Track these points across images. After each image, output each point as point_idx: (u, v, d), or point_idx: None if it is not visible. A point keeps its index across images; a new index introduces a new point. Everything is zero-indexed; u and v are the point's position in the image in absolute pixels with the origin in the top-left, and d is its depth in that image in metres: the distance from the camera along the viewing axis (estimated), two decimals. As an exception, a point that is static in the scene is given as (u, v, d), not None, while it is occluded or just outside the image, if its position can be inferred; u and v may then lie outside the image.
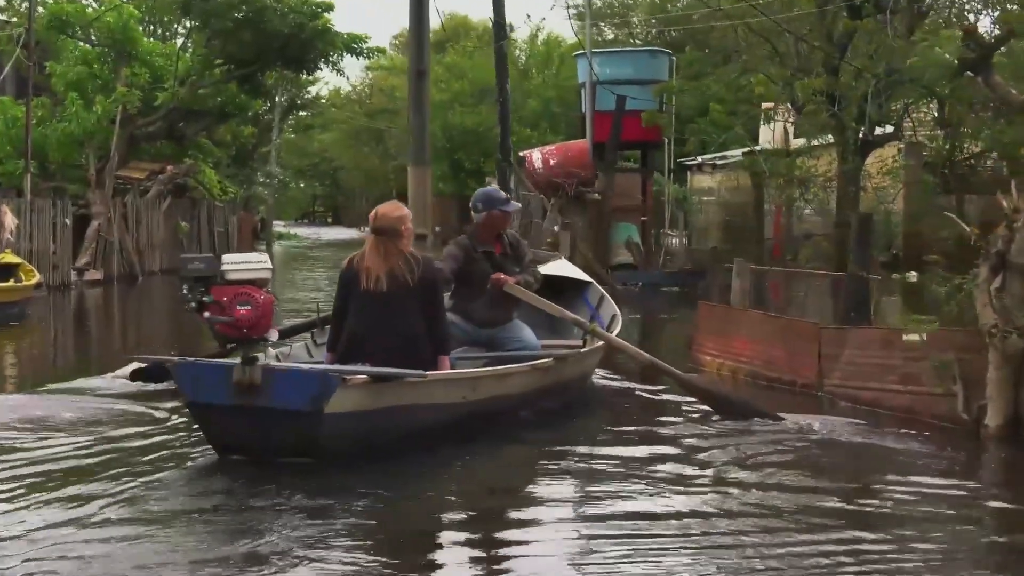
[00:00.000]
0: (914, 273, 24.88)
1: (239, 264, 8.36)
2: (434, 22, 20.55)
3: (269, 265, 8.47)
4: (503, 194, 10.95)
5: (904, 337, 9.95)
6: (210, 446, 8.03)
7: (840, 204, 25.55)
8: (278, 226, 64.88)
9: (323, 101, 70.05)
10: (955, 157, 25.63)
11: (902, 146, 26.97)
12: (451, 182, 51.64)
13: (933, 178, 25.08)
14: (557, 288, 11.91)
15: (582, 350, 10.59)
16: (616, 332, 11.36)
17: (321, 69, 32.36)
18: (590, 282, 12.57)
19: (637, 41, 51.05)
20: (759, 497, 7.48)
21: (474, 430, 8.78)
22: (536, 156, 25.65)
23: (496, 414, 9.13)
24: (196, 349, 11.91)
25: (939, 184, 25.23)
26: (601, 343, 10.63)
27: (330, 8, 31.36)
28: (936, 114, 26.23)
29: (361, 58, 33.79)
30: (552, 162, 25.34)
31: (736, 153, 38.26)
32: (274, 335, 9.88)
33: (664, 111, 28.04)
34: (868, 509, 7.37)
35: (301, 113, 67.31)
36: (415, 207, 19.78)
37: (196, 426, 8.23)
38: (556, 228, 22.78)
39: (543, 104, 50.34)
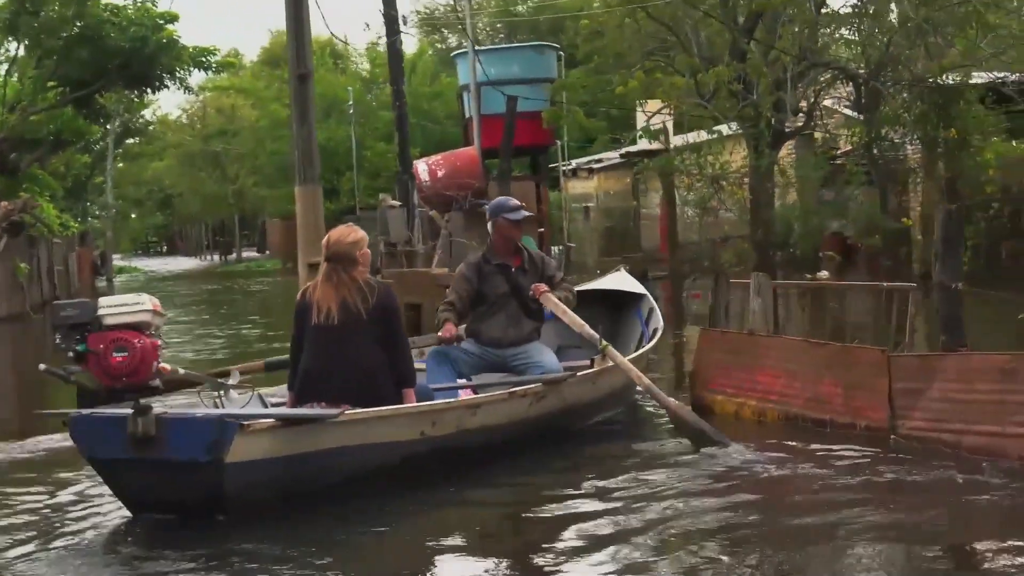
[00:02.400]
0: (825, 272, 23.06)
1: (116, 307, 7.49)
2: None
3: (149, 306, 7.54)
4: (513, 202, 9.98)
5: (1034, 364, 7.72)
6: (121, 504, 7.50)
7: (755, 202, 23.63)
8: (116, 260, 61.37)
9: (152, 128, 66.66)
10: (876, 144, 23.88)
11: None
12: (303, 202, 48.65)
13: (858, 167, 23.26)
14: (617, 302, 11.54)
15: (587, 371, 9.60)
16: (651, 345, 10.71)
17: (168, 87, 29.32)
18: (644, 294, 11.71)
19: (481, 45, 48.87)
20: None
21: (450, 469, 8.12)
22: (422, 168, 23.25)
23: (478, 450, 8.38)
24: (50, 403, 10.97)
25: (864, 174, 23.46)
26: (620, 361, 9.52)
27: (175, 19, 28.46)
28: (851, 100, 24.50)
29: (210, 72, 30.87)
30: (440, 173, 22.93)
31: (613, 155, 36.31)
32: (235, 377, 8.96)
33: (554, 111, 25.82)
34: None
35: (129, 141, 63.97)
36: (307, 233, 17.19)
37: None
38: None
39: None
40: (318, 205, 17.31)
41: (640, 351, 10.44)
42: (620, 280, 12.02)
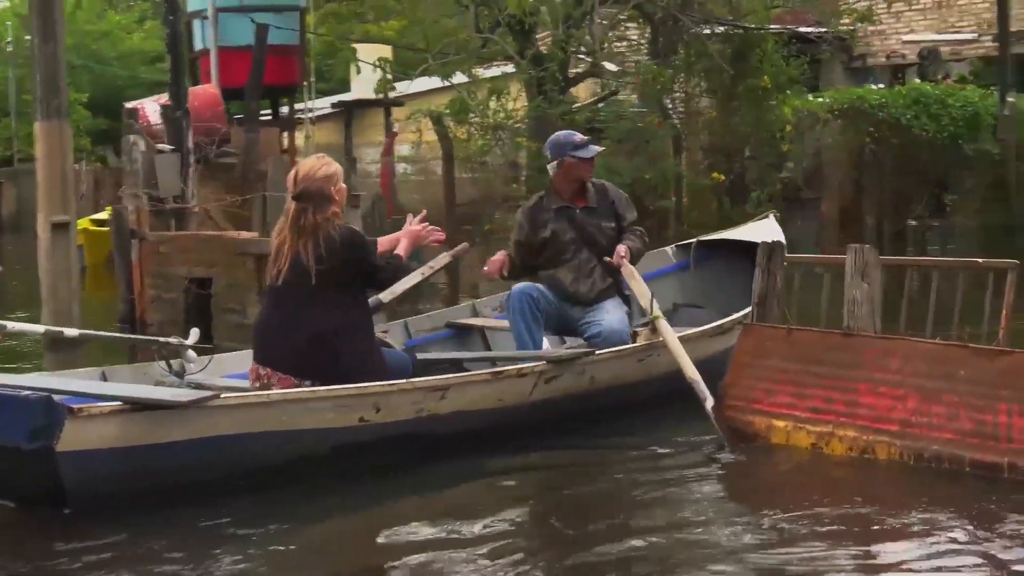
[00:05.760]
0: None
1: None
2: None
3: None
4: (577, 136, 8.75)
5: None
6: None
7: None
8: None
9: None
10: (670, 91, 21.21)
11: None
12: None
13: (662, 118, 20.45)
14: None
15: (618, 349, 8.18)
16: (736, 316, 8.80)
17: None
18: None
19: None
20: None
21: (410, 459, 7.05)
22: (152, 108, 19.32)
23: (453, 439, 7.24)
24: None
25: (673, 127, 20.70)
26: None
27: None
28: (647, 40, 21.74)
29: None
30: (175, 115, 18.93)
31: (324, 104, 32.66)
32: (194, 336, 8.01)
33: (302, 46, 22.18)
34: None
35: None
36: (51, 181, 13.20)
37: None
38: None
39: (57, 56, 42.37)
40: (66, 145, 13.29)
41: (710, 325, 8.82)
42: (764, 229, 10.11)
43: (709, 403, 7.43)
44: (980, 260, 7.83)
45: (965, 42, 25.55)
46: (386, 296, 8.75)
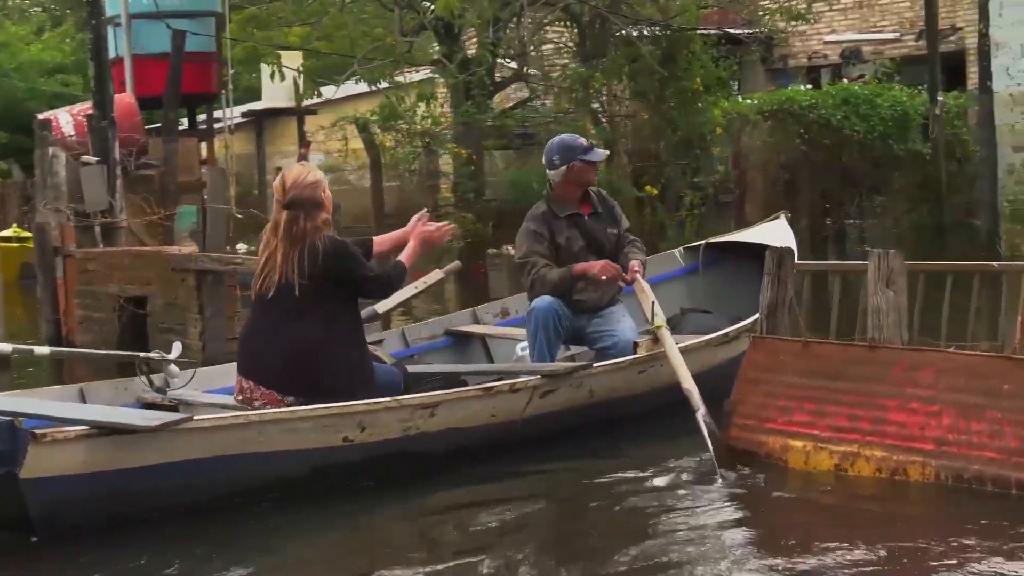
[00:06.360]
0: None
1: None
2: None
3: None
4: (582, 140, 8.59)
5: None
6: None
7: (478, 164, 19.94)
8: None
9: None
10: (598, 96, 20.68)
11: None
12: None
13: (593, 126, 19.91)
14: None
15: (627, 357, 7.92)
16: (743, 324, 8.41)
17: None
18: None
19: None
20: None
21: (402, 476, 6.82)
22: (65, 119, 18.54)
23: (446, 455, 7.00)
24: None
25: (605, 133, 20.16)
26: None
27: None
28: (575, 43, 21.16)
29: None
30: (89, 126, 18.13)
31: (234, 113, 31.87)
32: (176, 350, 7.72)
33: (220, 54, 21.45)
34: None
35: None
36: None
37: None
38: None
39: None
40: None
41: (715, 335, 8.36)
42: (774, 231, 9.84)
43: (701, 413, 7.00)
44: (995, 264, 7.44)
45: (887, 42, 25.37)
46: (381, 307, 8.51)
